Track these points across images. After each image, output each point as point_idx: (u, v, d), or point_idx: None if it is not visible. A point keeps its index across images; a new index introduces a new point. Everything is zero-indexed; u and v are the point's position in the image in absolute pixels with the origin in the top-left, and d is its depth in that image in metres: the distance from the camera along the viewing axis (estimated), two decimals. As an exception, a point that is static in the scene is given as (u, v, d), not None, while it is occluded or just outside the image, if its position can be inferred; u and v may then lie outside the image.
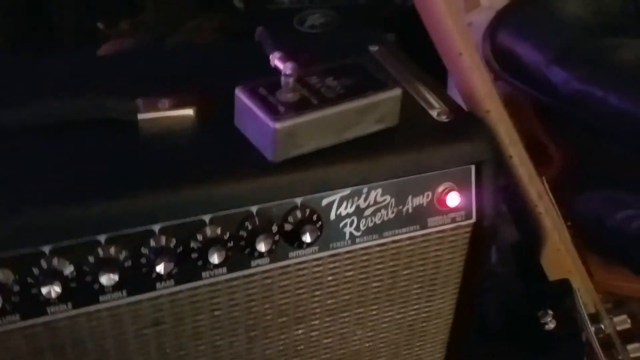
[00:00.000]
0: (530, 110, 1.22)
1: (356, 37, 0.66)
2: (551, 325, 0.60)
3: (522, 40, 1.09)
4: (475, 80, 0.50)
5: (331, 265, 0.50)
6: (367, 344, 0.58)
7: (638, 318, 1.04)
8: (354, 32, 0.72)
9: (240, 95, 0.46)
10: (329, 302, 0.53)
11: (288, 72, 0.46)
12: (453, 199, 0.51)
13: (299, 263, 0.49)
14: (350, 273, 0.52)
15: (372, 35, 0.65)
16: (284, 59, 0.54)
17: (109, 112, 0.47)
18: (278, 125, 0.43)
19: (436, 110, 0.53)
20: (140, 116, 0.48)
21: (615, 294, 1.05)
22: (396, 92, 0.49)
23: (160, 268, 0.42)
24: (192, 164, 0.45)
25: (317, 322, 0.53)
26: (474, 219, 0.53)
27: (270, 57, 0.55)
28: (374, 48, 0.63)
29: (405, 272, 0.54)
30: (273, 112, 0.44)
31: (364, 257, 0.52)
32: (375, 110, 0.48)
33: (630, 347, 0.79)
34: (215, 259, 0.44)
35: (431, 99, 0.55)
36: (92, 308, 0.43)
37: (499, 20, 1.14)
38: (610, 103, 0.97)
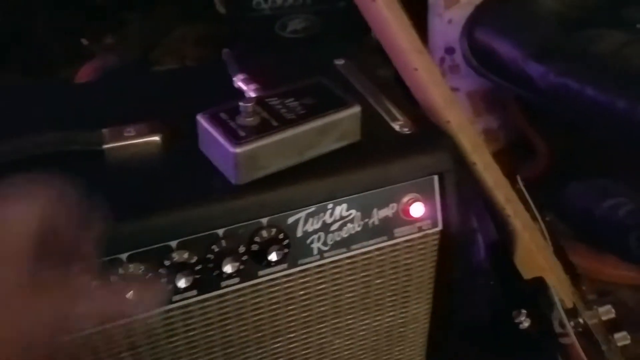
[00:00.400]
0: (514, 105, 1.23)
1: (323, 52, 0.67)
2: (525, 324, 0.61)
3: (499, 36, 1.10)
4: (433, 93, 0.51)
5: (302, 281, 0.52)
6: (346, 352, 0.59)
7: (628, 305, 1.06)
8: (321, 46, 0.73)
9: (202, 121, 0.48)
10: (304, 315, 0.54)
11: (247, 97, 0.47)
12: (417, 209, 0.52)
13: (270, 280, 0.50)
14: (322, 286, 0.53)
15: (338, 49, 0.66)
16: (247, 81, 0.55)
17: (75, 144, 0.48)
18: (238, 150, 0.45)
19: (398, 123, 0.54)
20: (107, 146, 0.49)
21: (605, 281, 1.07)
22: (355, 109, 0.50)
23: (129, 295, 0.43)
24: (157, 190, 0.47)
25: (293, 334, 0.55)
26: (440, 227, 0.55)
27: (234, 79, 0.57)
28: (339, 62, 0.64)
29: (377, 281, 0.56)
30: (233, 137, 0.46)
31: (335, 271, 0.53)
32: (335, 128, 0.49)
33: (617, 335, 0.81)
34: (182, 283, 0.45)
35: (394, 111, 0.56)
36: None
37: (476, 17, 1.15)
38: (586, 95, 0.98)
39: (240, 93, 0.55)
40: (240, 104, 0.47)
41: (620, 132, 0.99)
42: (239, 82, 0.56)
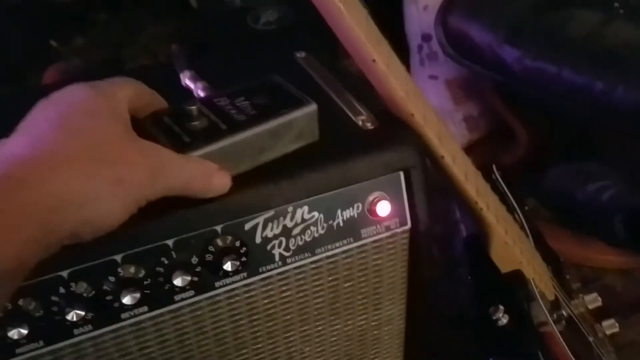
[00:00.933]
0: (491, 91, 1.21)
1: (284, 44, 0.64)
2: (504, 320, 0.59)
3: (472, 21, 1.07)
4: (394, 85, 0.48)
5: (264, 289, 0.49)
6: (318, 359, 0.57)
7: (616, 290, 1.04)
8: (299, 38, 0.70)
9: (145, 126, 0.44)
10: (269, 324, 0.51)
11: (193, 98, 0.44)
12: (384, 208, 0.50)
13: (228, 291, 0.47)
14: (287, 294, 0.50)
15: (301, 41, 0.64)
16: (194, 79, 0.52)
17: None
18: None
19: (361, 118, 0.52)
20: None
21: (591, 267, 1.05)
22: (311, 107, 0.46)
23: (71, 315, 0.41)
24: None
25: (260, 345, 0.52)
26: (409, 225, 0.52)
27: (181, 76, 0.54)
28: (300, 55, 0.61)
29: (346, 285, 0.53)
30: (177, 143, 0.42)
31: (299, 277, 0.50)
32: (290, 129, 0.46)
33: (605, 323, 0.79)
34: (128, 300, 0.42)
35: (357, 105, 0.53)
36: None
37: (449, 3, 1.12)
38: (563, 78, 0.96)
39: (189, 92, 0.52)
40: (184, 106, 0.44)
41: (598, 115, 0.97)
42: (186, 80, 0.52)
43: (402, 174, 0.50)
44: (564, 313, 0.68)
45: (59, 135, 0.37)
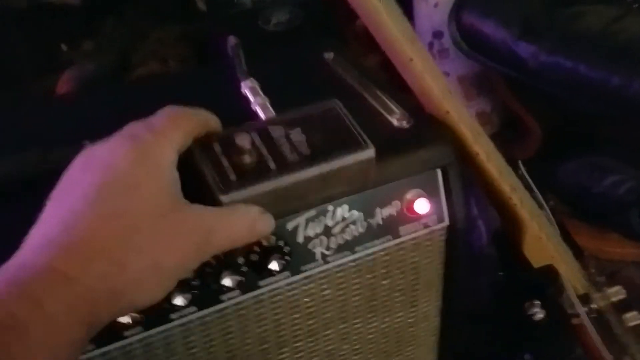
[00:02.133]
0: (504, 87, 1.21)
1: (311, 45, 0.64)
2: (540, 315, 0.59)
3: (486, 17, 1.07)
4: (430, 84, 0.48)
5: (305, 288, 0.49)
6: (355, 357, 0.57)
7: (635, 282, 1.05)
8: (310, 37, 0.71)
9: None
10: (309, 322, 0.52)
11: (246, 123, 0.43)
12: (422, 205, 0.50)
13: (272, 290, 0.48)
14: (327, 292, 0.51)
15: (326, 42, 0.64)
16: (253, 91, 0.51)
17: (55, 161, 0.45)
18: (223, 197, 0.40)
19: (396, 117, 0.52)
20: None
21: (609, 260, 1.05)
22: (368, 153, 0.43)
23: (124, 318, 0.41)
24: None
25: (300, 343, 0.53)
26: (446, 222, 0.52)
27: (242, 83, 0.53)
28: (329, 55, 0.61)
29: (384, 282, 0.53)
30: (224, 180, 0.40)
31: (339, 275, 0.51)
32: (341, 174, 0.43)
33: (627, 315, 0.79)
34: (180, 300, 0.42)
35: (391, 104, 0.53)
36: None
37: (463, 0, 1.12)
38: (579, 73, 0.96)
39: (244, 99, 0.51)
40: (237, 133, 0.41)
41: (614, 109, 0.97)
42: (246, 90, 0.52)
43: (439, 171, 0.50)
44: (594, 306, 0.68)
45: (95, 219, 0.35)
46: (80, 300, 0.33)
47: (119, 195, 0.36)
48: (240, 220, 0.40)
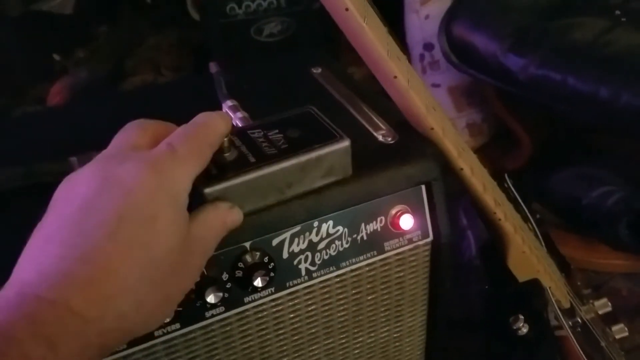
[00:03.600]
0: (494, 97, 1.22)
1: (299, 60, 0.65)
2: (524, 329, 0.60)
3: (476, 30, 1.09)
4: (414, 100, 0.49)
5: (290, 304, 0.50)
6: (341, 372, 0.57)
7: (621, 293, 1.05)
8: (298, 53, 0.72)
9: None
10: (295, 338, 0.52)
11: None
12: (407, 221, 0.50)
13: (256, 306, 0.48)
14: (312, 307, 0.51)
15: (314, 56, 0.64)
16: (234, 109, 0.53)
17: (41, 176, 0.45)
18: (207, 190, 0.41)
19: (381, 133, 0.52)
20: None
21: (597, 271, 1.06)
22: (344, 143, 0.45)
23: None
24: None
25: (286, 359, 0.53)
26: (431, 237, 0.53)
27: (223, 104, 0.54)
28: (316, 70, 0.62)
29: (369, 297, 0.54)
30: (203, 174, 0.41)
31: (324, 290, 0.51)
32: (320, 164, 0.45)
33: (614, 328, 0.80)
34: (164, 319, 0.43)
35: (376, 120, 0.54)
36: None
37: (453, 12, 1.13)
38: (568, 85, 0.97)
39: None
40: None
41: (603, 121, 0.98)
42: (227, 109, 0.53)
43: (423, 187, 0.51)
44: (579, 320, 0.69)
45: (116, 253, 0.34)
46: (94, 340, 0.33)
47: (138, 227, 0.34)
48: (213, 219, 0.40)
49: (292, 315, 0.50)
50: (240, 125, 0.51)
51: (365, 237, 0.50)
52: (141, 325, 0.36)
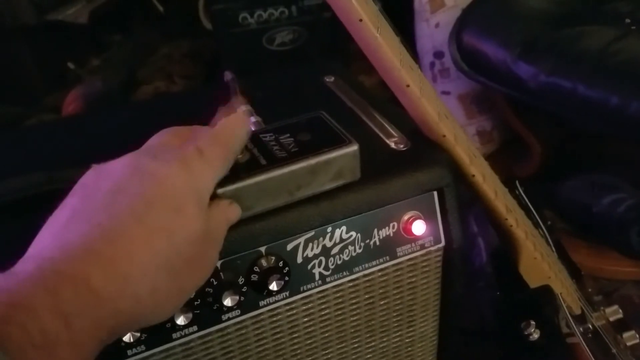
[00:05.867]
0: (505, 105, 1.23)
1: (312, 69, 0.66)
2: (535, 335, 0.60)
3: (486, 38, 1.09)
4: (426, 108, 0.50)
5: (304, 308, 0.50)
6: (354, 376, 0.58)
7: (633, 300, 1.05)
8: (311, 63, 0.73)
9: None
10: (308, 342, 0.53)
11: None
12: (419, 227, 0.51)
13: (272, 310, 0.49)
14: (326, 312, 0.52)
15: (327, 66, 0.65)
16: (248, 114, 0.54)
17: (64, 182, 0.47)
18: (220, 190, 0.42)
19: (393, 140, 0.53)
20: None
21: (608, 279, 1.06)
22: (352, 147, 0.46)
23: (127, 337, 0.42)
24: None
25: (299, 362, 0.53)
26: (443, 243, 0.53)
27: (237, 110, 0.55)
28: (329, 79, 0.63)
29: (381, 302, 0.54)
30: None
31: (337, 295, 0.52)
32: (329, 168, 0.46)
33: (625, 335, 0.79)
34: (181, 320, 0.44)
35: (388, 127, 0.55)
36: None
37: (463, 20, 1.14)
38: (578, 93, 0.98)
39: None
40: None
41: (614, 129, 0.98)
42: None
43: (435, 193, 0.52)
44: (590, 326, 0.69)
45: (140, 236, 0.34)
46: (106, 321, 0.33)
47: (164, 215, 0.35)
48: (218, 214, 0.41)
49: (305, 319, 0.51)
50: (253, 129, 0.52)
51: (378, 243, 0.51)
52: (151, 313, 0.36)
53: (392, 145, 0.53)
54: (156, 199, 0.35)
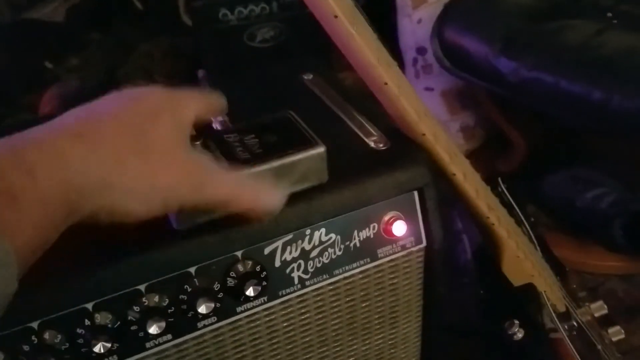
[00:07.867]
0: (487, 101, 1.22)
1: (291, 66, 0.64)
2: (519, 334, 0.59)
3: (468, 33, 1.09)
4: (405, 107, 0.49)
5: (283, 313, 0.49)
6: (336, 380, 0.57)
7: (618, 295, 1.05)
8: (290, 60, 0.71)
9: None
10: (289, 347, 0.51)
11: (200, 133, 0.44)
12: (399, 228, 0.50)
13: (249, 316, 0.48)
14: (306, 316, 0.51)
15: (306, 63, 0.64)
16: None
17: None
18: None
19: (373, 139, 0.52)
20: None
21: (592, 273, 1.06)
22: (318, 150, 0.45)
23: (98, 347, 0.41)
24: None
25: (279, 367, 0.52)
26: (424, 244, 0.52)
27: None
28: (308, 77, 0.62)
29: (363, 305, 0.53)
30: None
31: (318, 299, 0.50)
32: (294, 170, 0.45)
33: (611, 330, 0.79)
34: (154, 329, 0.42)
35: (367, 126, 0.54)
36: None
37: (445, 16, 1.13)
38: (560, 88, 0.97)
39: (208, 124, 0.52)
40: (193, 141, 0.43)
41: (596, 123, 0.98)
42: None
43: (416, 193, 0.51)
44: (575, 323, 0.68)
45: (115, 125, 0.38)
46: (71, 181, 0.35)
47: (143, 117, 0.39)
48: (240, 184, 0.42)
49: (285, 324, 0.50)
50: (217, 129, 0.50)
51: (358, 245, 0.50)
52: (120, 192, 0.37)
53: (372, 144, 0.52)
54: (135, 106, 0.40)
